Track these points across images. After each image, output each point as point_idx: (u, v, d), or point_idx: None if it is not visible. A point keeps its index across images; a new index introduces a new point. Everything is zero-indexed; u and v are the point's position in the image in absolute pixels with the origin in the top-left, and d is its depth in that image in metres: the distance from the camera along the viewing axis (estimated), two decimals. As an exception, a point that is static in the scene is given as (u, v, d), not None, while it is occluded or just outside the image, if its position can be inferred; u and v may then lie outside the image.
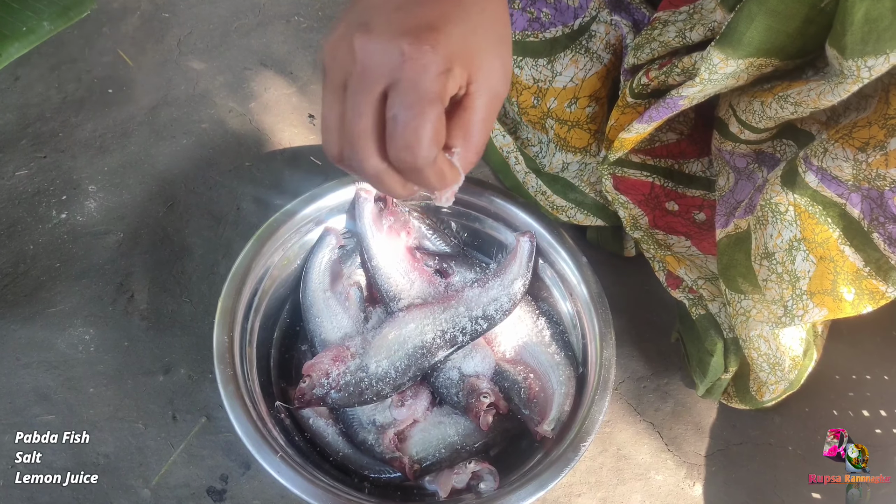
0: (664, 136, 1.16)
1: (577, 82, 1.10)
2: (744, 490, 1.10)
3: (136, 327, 1.13)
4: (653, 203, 1.17)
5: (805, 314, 0.93)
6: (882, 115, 0.81)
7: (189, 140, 1.34)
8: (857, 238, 0.86)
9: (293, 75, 1.45)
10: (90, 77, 1.39)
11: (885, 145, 0.80)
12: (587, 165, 1.19)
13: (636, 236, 1.15)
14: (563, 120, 1.14)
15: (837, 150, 0.85)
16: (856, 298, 0.88)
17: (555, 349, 1.05)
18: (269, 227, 1.05)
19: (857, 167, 0.83)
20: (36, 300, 1.14)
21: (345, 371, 0.97)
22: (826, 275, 0.90)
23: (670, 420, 1.14)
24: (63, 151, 1.29)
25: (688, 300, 1.11)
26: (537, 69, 1.11)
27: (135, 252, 1.20)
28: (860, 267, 0.87)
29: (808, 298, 0.92)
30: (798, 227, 0.90)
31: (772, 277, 0.94)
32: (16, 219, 1.21)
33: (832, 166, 0.85)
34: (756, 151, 1.03)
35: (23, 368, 1.08)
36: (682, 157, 1.18)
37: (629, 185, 1.15)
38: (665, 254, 1.14)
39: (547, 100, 1.13)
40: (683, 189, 1.18)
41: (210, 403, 1.08)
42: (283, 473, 0.86)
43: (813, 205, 0.89)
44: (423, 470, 0.97)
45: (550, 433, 0.96)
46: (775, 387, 1.04)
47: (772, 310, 0.96)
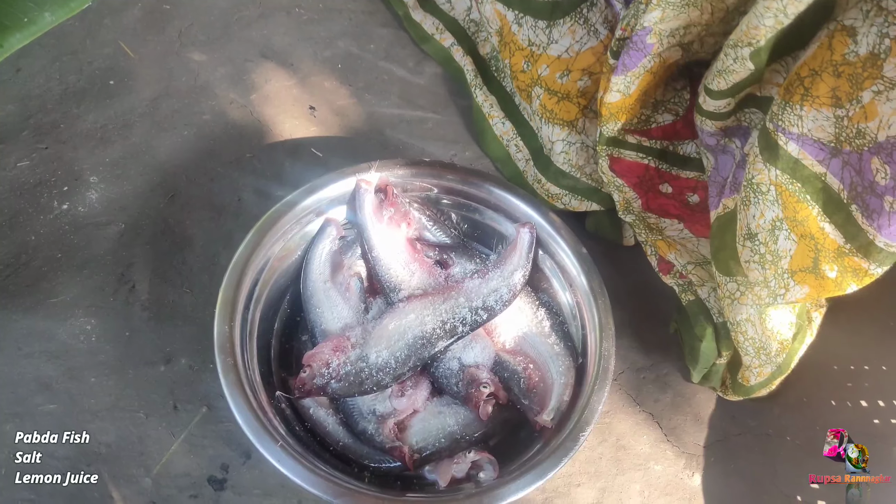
0: (660, 117, 1.16)
1: (571, 54, 1.11)
2: (743, 480, 1.10)
3: (138, 318, 1.14)
4: (647, 185, 1.18)
5: (787, 293, 0.94)
6: (828, 62, 0.82)
7: (190, 131, 1.34)
8: (837, 213, 0.87)
9: (294, 67, 1.45)
10: (91, 68, 1.39)
11: (859, 98, 0.80)
12: (572, 145, 1.19)
13: (628, 220, 1.16)
14: (552, 90, 1.14)
15: (812, 112, 0.85)
16: (839, 276, 0.89)
17: (554, 340, 1.05)
18: (270, 217, 1.05)
19: (839, 125, 0.83)
20: (37, 290, 1.14)
21: (345, 361, 0.97)
22: (807, 252, 0.90)
23: (670, 411, 1.15)
24: (64, 142, 1.29)
25: (678, 286, 1.12)
26: (535, 31, 1.11)
27: (136, 243, 1.20)
28: (841, 244, 0.87)
29: (789, 277, 0.93)
30: (780, 206, 0.91)
31: (754, 258, 0.95)
32: (17, 209, 1.21)
33: (813, 128, 0.86)
34: (722, 129, 1.04)
35: (24, 358, 1.09)
36: (677, 138, 1.18)
37: (625, 167, 1.16)
38: (656, 238, 1.15)
39: (539, 66, 1.13)
40: (678, 171, 1.19)
41: (211, 393, 1.08)
42: (283, 462, 0.86)
43: (793, 182, 0.89)
44: (423, 459, 0.97)
45: (550, 423, 0.97)
46: (759, 370, 1.05)
47: (755, 291, 0.97)
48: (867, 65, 0.79)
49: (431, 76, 1.48)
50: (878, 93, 0.79)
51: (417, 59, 1.50)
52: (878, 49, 0.78)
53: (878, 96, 0.79)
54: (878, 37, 0.78)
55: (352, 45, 1.51)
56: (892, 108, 0.78)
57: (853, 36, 0.80)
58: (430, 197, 1.15)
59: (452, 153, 1.38)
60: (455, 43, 1.44)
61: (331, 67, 1.46)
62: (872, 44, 0.78)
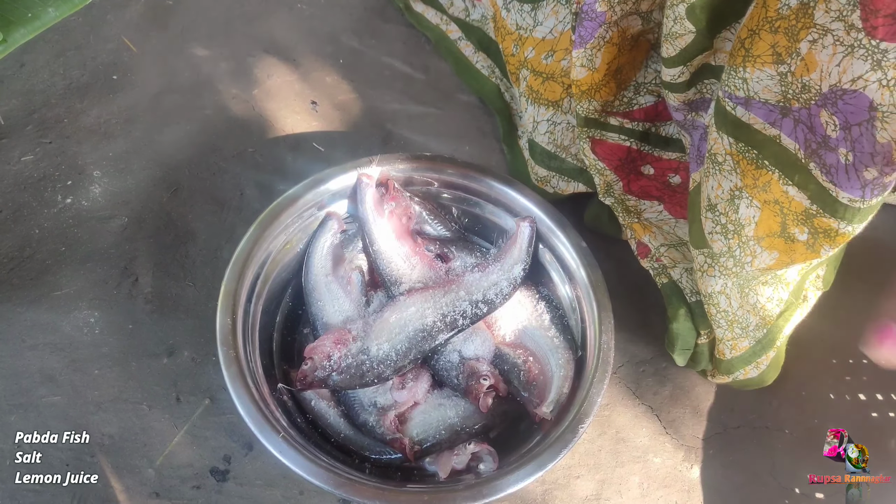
0: (641, 99, 1.17)
1: (555, 35, 1.11)
2: (741, 473, 1.11)
3: (141, 310, 1.15)
4: (628, 167, 1.18)
5: (754, 259, 0.94)
6: (764, 20, 0.82)
7: (193, 126, 1.34)
8: (798, 174, 0.86)
9: (296, 62, 1.45)
10: (95, 63, 1.40)
11: (798, 50, 0.80)
12: (557, 125, 1.19)
13: (608, 202, 1.16)
14: (538, 71, 1.15)
15: (756, 72, 0.85)
16: (810, 238, 0.88)
17: (554, 333, 1.06)
18: (272, 211, 1.06)
19: (784, 81, 0.83)
20: (41, 283, 1.15)
21: (346, 354, 0.98)
22: (773, 217, 0.90)
23: (669, 403, 1.16)
24: (68, 137, 1.30)
25: (653, 269, 1.13)
26: (521, 15, 1.12)
27: (139, 236, 1.21)
28: (807, 206, 0.87)
29: (755, 244, 0.93)
30: (738, 174, 0.91)
31: (716, 230, 0.96)
32: (21, 203, 1.22)
33: (759, 90, 0.85)
34: (686, 103, 1.05)
35: (29, 350, 1.10)
36: (659, 119, 1.19)
37: (607, 149, 1.17)
38: (633, 221, 1.15)
39: (525, 48, 1.14)
40: (660, 152, 1.20)
41: (213, 385, 1.09)
42: (285, 454, 0.87)
43: (748, 149, 0.89)
44: (424, 451, 0.98)
45: (549, 415, 0.97)
46: (733, 343, 1.05)
47: (720, 262, 0.98)
48: (799, 15, 0.79)
49: (433, 72, 1.49)
50: (813, 42, 0.78)
51: (419, 55, 1.51)
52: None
53: (814, 45, 0.79)
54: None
55: (353, 40, 1.51)
56: (829, 55, 0.77)
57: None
58: (431, 191, 1.16)
59: (454, 148, 1.38)
60: (462, 37, 1.45)
61: (333, 62, 1.47)
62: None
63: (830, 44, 0.77)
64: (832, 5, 0.76)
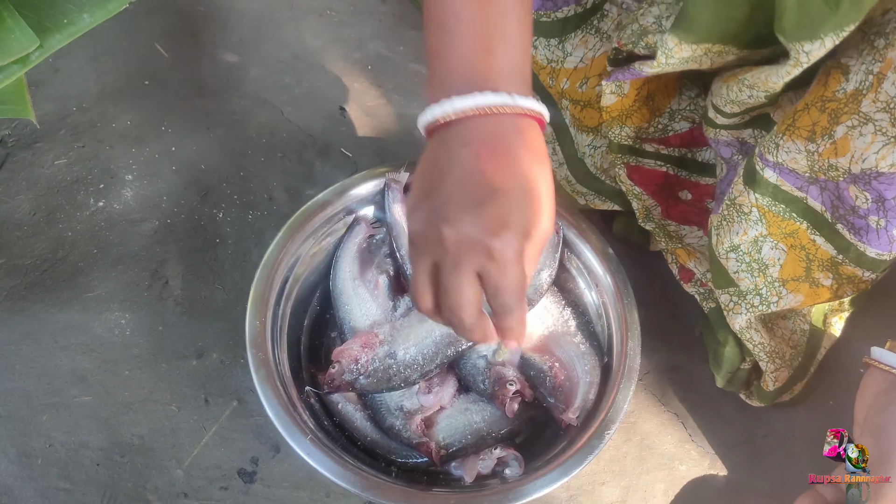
0: (676, 125, 1.16)
1: (586, 62, 1.11)
2: (767, 483, 1.10)
3: (171, 312, 1.16)
4: (666, 193, 1.18)
5: (780, 300, 0.94)
6: (819, 98, 0.82)
7: (223, 131, 1.36)
8: (825, 228, 0.87)
9: (325, 69, 1.47)
10: (128, 69, 1.42)
11: (832, 133, 0.81)
12: (597, 149, 1.19)
13: (649, 227, 1.16)
14: (576, 100, 1.14)
15: (788, 143, 0.85)
16: (835, 283, 0.89)
17: (580, 339, 1.06)
18: (301, 216, 1.07)
19: (811, 158, 0.83)
20: (74, 285, 1.17)
21: (373, 357, 0.98)
22: (798, 262, 0.90)
23: (695, 411, 1.15)
24: (101, 141, 1.32)
25: (699, 294, 1.12)
26: (549, 49, 1.12)
27: (169, 239, 1.23)
28: (833, 255, 0.87)
29: (780, 286, 0.93)
30: (764, 224, 0.91)
31: (741, 268, 0.96)
32: (55, 206, 1.24)
33: (787, 160, 0.86)
34: (739, 140, 1.04)
35: (61, 351, 1.11)
36: (695, 145, 1.18)
37: (643, 175, 1.16)
38: (676, 246, 1.15)
39: (560, 80, 1.14)
40: (697, 178, 1.19)
41: (241, 388, 1.10)
42: (312, 455, 0.88)
43: (775, 203, 0.89)
44: (450, 455, 0.98)
45: (575, 421, 0.97)
46: (776, 374, 1.05)
47: (748, 300, 0.97)
48: (850, 100, 0.79)
49: (460, 78, 1.49)
50: (851, 127, 0.79)
51: (446, 61, 1.51)
52: (863, 86, 0.78)
53: (852, 131, 0.79)
54: (865, 74, 0.78)
55: (382, 46, 1.52)
56: (866, 143, 0.78)
57: (846, 73, 0.80)
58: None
59: (480, 154, 1.38)
60: None
61: (361, 69, 1.48)
62: (860, 81, 0.78)
63: (870, 132, 0.77)
64: (881, 96, 0.76)
